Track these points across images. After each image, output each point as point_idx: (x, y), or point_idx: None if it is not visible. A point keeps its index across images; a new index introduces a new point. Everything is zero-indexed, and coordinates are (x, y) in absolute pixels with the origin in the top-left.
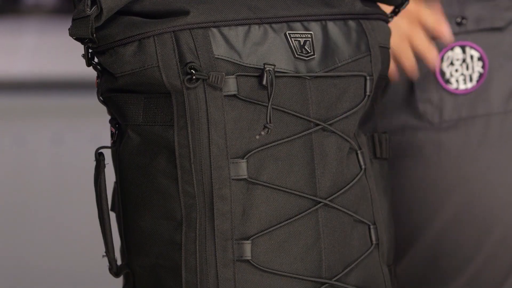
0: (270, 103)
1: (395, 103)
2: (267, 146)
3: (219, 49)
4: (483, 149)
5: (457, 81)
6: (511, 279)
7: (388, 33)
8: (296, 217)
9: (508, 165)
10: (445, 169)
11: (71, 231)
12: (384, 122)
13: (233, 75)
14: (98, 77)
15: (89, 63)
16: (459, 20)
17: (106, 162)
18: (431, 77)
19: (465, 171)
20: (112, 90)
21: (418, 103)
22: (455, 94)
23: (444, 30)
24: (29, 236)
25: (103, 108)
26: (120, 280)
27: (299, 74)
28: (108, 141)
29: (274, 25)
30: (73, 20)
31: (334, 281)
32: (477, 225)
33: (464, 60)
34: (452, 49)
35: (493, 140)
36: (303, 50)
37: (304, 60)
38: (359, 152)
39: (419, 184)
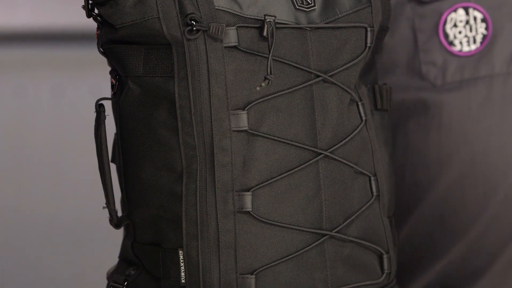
0: (270, 55)
1: (398, 65)
2: (267, 97)
3: (220, 0)
4: (486, 110)
5: (460, 43)
6: None
7: None
8: (297, 168)
9: (511, 125)
10: (448, 130)
11: (71, 183)
12: (387, 83)
13: (233, 26)
14: (98, 28)
15: (89, 14)
16: None
17: (106, 114)
18: (434, 39)
19: (468, 132)
20: (113, 41)
21: (421, 64)
22: (458, 56)
23: None
24: (29, 188)
25: (104, 60)
26: (120, 232)
27: (300, 26)
28: (108, 93)
29: None
30: None
31: (335, 232)
32: (481, 185)
33: (467, 22)
34: (455, 10)
35: (495, 101)
36: (304, 1)
37: (305, 11)
38: (359, 103)
39: (422, 144)
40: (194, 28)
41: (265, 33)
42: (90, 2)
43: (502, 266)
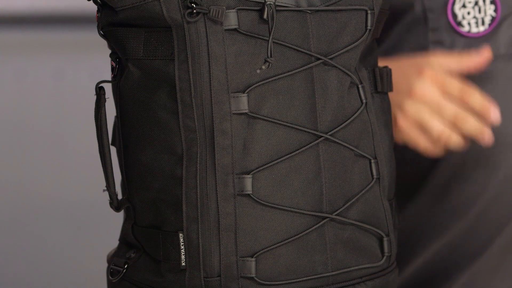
0: (271, 37)
1: (407, 43)
2: (268, 80)
3: None
4: (488, 91)
5: (469, 24)
6: None
7: None
8: (297, 151)
9: None
10: None
11: (72, 166)
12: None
13: (233, 9)
14: (98, 11)
15: None
16: None
17: (106, 97)
18: (443, 18)
19: None
20: (113, 24)
21: (429, 44)
22: (466, 36)
23: (492, 113)
24: (31, 170)
25: (104, 43)
26: (120, 215)
27: (300, 8)
28: (108, 76)
29: None
30: None
31: (335, 215)
32: (482, 165)
33: (476, 3)
34: None
35: (497, 82)
36: None
37: None
38: (360, 86)
39: None
40: (194, 10)
41: (265, 16)
42: None
43: (500, 247)
